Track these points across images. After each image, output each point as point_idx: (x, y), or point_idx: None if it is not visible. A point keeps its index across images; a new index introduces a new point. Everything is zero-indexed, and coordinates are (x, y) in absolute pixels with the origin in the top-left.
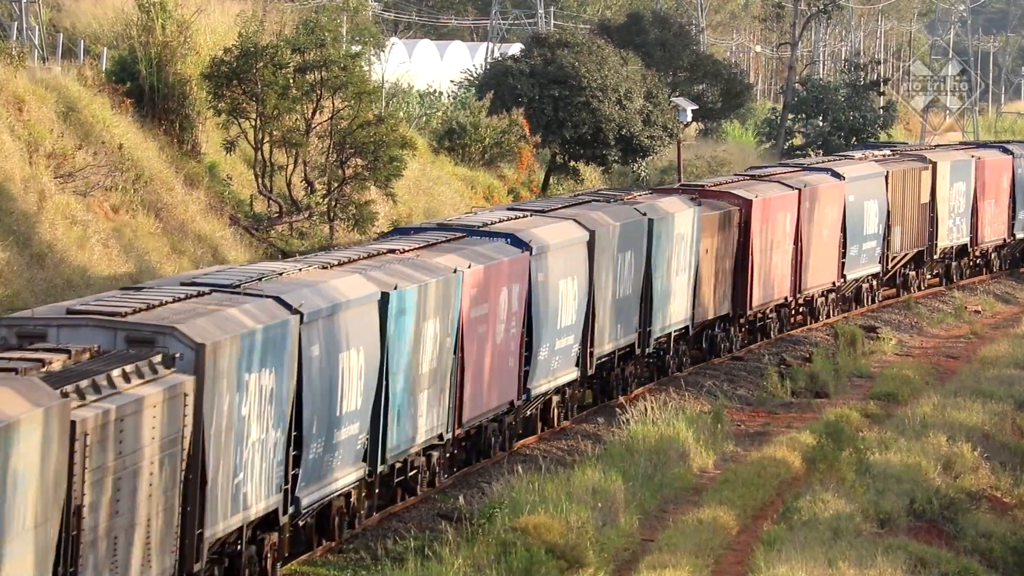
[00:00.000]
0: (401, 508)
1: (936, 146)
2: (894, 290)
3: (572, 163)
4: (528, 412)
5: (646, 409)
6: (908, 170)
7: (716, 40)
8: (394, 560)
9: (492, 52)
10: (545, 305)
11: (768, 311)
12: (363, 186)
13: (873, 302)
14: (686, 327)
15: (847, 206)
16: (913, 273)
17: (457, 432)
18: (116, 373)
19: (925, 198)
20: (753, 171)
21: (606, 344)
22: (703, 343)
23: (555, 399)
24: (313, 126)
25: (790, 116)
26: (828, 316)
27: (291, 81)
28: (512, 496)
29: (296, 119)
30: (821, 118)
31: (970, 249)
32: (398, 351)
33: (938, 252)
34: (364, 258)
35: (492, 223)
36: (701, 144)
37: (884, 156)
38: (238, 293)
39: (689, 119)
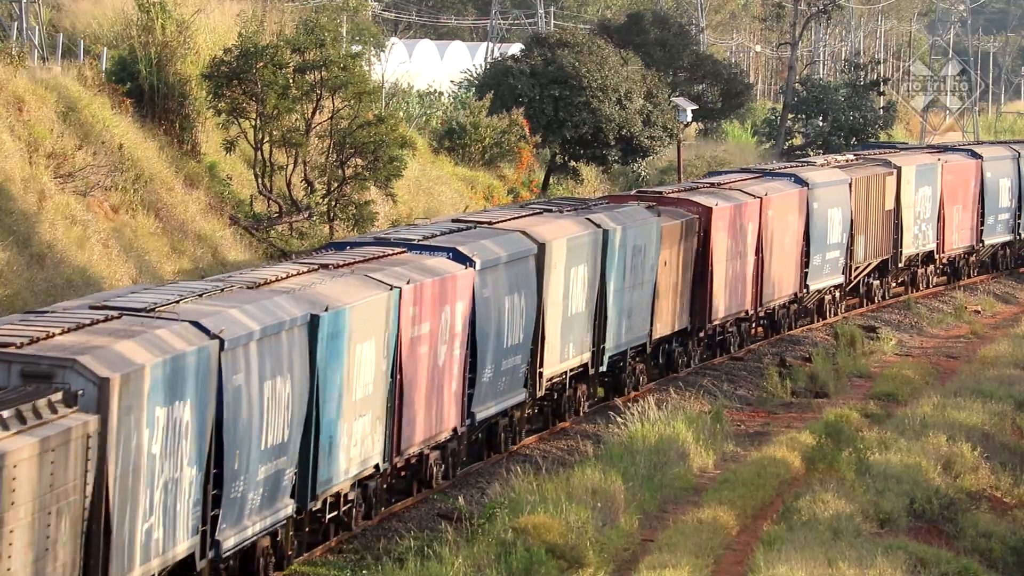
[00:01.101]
0: (400, 508)
1: (901, 149)
2: (857, 300)
3: (572, 163)
4: (473, 437)
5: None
6: (872, 176)
7: (716, 40)
8: (394, 560)
9: (492, 52)
10: (490, 323)
11: (728, 325)
12: (363, 186)
13: (836, 314)
14: (643, 344)
15: (811, 214)
16: (877, 283)
17: (395, 461)
18: (7, 414)
19: (890, 205)
20: (713, 177)
21: (557, 363)
22: (660, 359)
23: (502, 422)
24: (313, 126)
25: (790, 116)
26: (790, 328)
27: (291, 81)
28: (512, 496)
29: (296, 119)
30: (821, 118)
31: (936, 256)
32: (329, 377)
33: (903, 260)
34: (294, 276)
35: (433, 236)
36: (701, 144)
37: (848, 161)
38: (152, 317)
39: (689, 119)
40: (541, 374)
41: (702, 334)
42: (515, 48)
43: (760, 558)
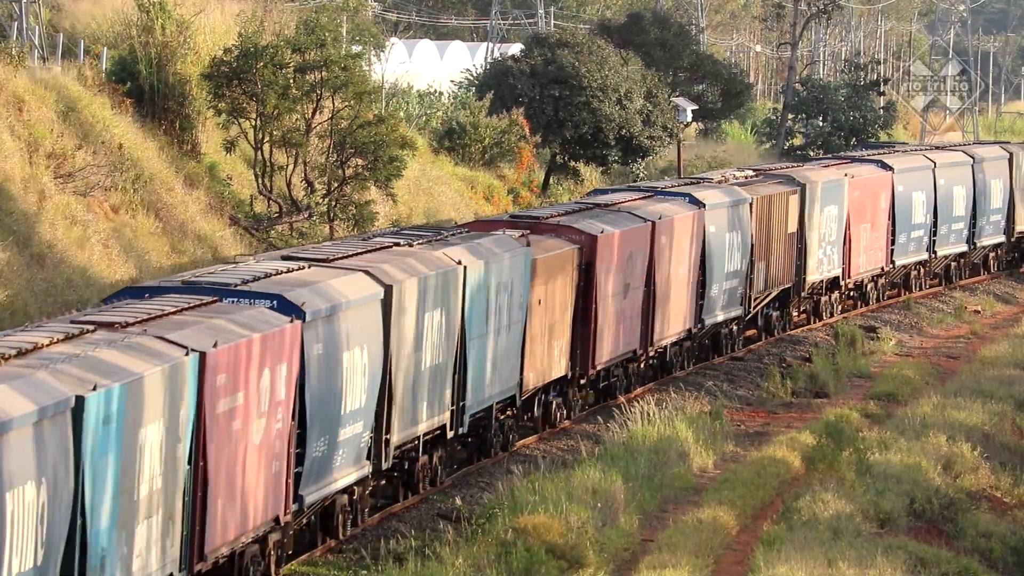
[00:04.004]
0: (401, 508)
1: (806, 162)
2: (755, 332)
3: (572, 163)
4: (304, 523)
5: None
6: (775, 195)
7: (716, 40)
8: (394, 560)
9: (492, 52)
10: (323, 386)
11: (614, 368)
12: (363, 186)
13: (734, 349)
14: (512, 396)
15: (707, 238)
16: (776, 313)
17: (198, 567)
18: None
19: (793, 226)
20: (599, 197)
21: (408, 428)
22: (535, 410)
23: (340, 501)
24: (313, 126)
25: (790, 116)
26: (683, 368)
27: (291, 81)
28: (512, 496)
29: (296, 119)
30: (821, 118)
31: (842, 281)
32: (101, 474)
33: (806, 288)
34: (61, 340)
35: (256, 280)
36: (701, 144)
37: (747, 178)
38: None
39: (689, 119)
40: (388, 442)
41: (584, 380)
42: (515, 48)
43: (760, 558)
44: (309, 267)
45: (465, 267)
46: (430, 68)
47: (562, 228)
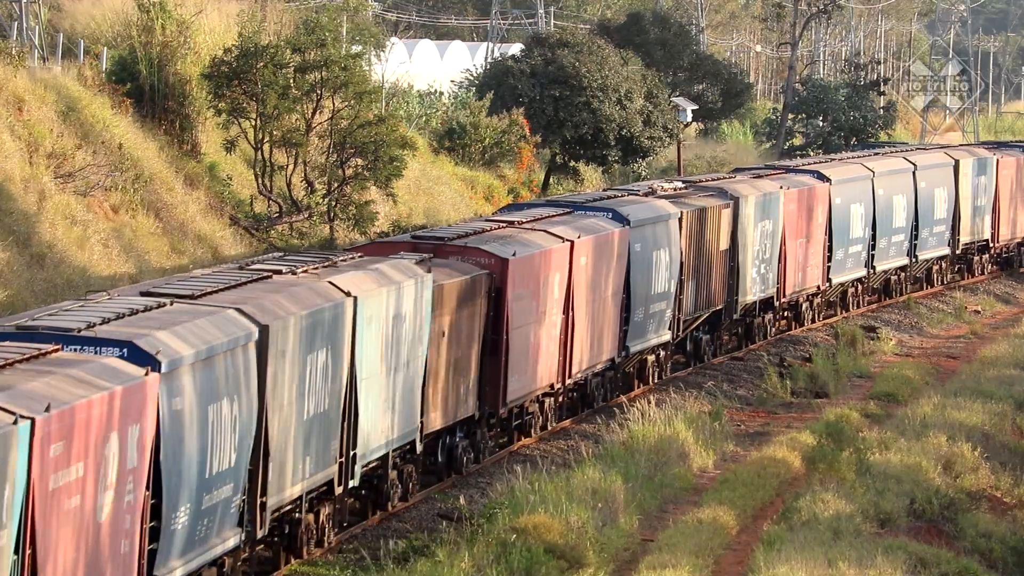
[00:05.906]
0: (401, 508)
1: (736, 171)
2: (684, 358)
3: (572, 163)
4: None
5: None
6: (706, 209)
7: (716, 40)
8: (395, 560)
9: (492, 52)
10: (184, 447)
11: (528, 404)
12: (363, 186)
13: (660, 378)
14: (411, 442)
15: (632, 259)
16: (707, 337)
17: None
18: None
19: (725, 243)
20: (512, 214)
21: (287, 488)
22: (439, 456)
23: None
24: (313, 126)
25: (790, 116)
26: (605, 400)
27: (291, 81)
28: (512, 496)
29: (296, 119)
30: (821, 118)
31: (776, 301)
32: None
33: (739, 310)
34: None
35: (104, 323)
36: (701, 144)
37: (676, 190)
38: None
39: (689, 119)
40: (264, 504)
41: (494, 420)
42: (515, 48)
43: (760, 558)
44: (171, 304)
45: (356, 298)
46: (430, 68)
47: (469, 250)
